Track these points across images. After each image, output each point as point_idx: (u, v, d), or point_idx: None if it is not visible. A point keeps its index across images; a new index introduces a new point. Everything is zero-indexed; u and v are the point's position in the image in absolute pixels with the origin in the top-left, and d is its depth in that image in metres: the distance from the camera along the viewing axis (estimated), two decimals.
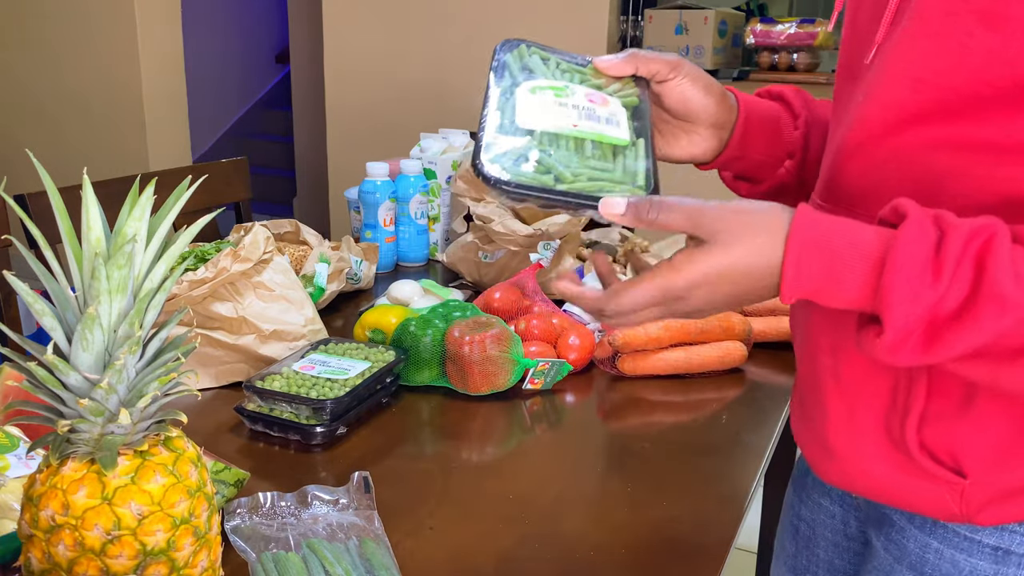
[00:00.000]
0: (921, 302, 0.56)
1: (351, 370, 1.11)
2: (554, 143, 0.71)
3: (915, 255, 0.56)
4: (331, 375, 1.10)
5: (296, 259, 1.47)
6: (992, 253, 0.55)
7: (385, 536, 0.82)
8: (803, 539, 0.92)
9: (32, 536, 0.60)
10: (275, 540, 0.80)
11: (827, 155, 0.75)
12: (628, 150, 0.73)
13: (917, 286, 0.56)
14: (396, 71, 3.45)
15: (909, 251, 0.56)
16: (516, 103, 0.74)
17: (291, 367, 1.12)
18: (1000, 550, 0.69)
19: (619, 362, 1.25)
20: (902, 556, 0.75)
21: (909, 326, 0.56)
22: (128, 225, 0.59)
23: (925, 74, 0.62)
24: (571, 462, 1.04)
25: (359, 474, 0.88)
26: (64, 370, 0.58)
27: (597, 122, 0.74)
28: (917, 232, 0.56)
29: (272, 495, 0.85)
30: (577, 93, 0.76)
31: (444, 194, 1.85)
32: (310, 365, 1.13)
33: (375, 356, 1.17)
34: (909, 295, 0.56)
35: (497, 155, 0.69)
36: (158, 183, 0.65)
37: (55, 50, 3.71)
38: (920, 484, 0.69)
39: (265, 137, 5.90)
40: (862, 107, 0.68)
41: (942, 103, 0.61)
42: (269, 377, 1.09)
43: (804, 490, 0.92)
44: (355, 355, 1.17)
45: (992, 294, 0.54)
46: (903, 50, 0.63)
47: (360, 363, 1.14)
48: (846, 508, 0.87)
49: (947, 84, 0.61)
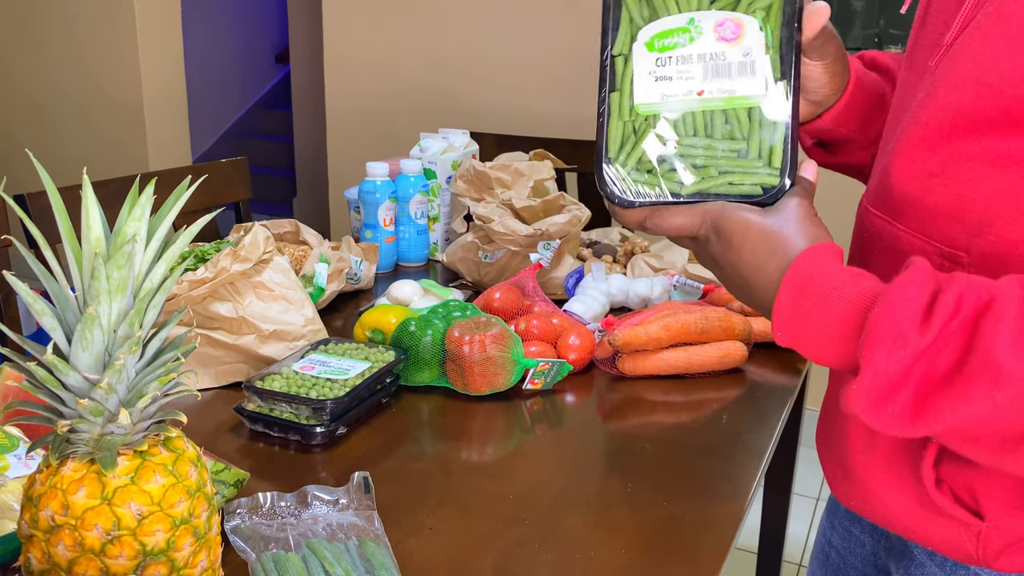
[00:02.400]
0: (906, 350, 0.51)
1: (351, 370, 1.11)
2: (679, 127, 0.67)
3: (906, 304, 0.53)
4: (331, 375, 1.10)
5: (296, 259, 1.47)
6: (990, 317, 0.50)
7: (385, 536, 0.82)
8: (832, 567, 0.91)
9: (32, 536, 0.60)
10: (275, 540, 0.80)
11: (880, 156, 0.72)
12: (765, 104, 0.67)
13: (905, 331, 0.52)
14: (396, 71, 3.44)
15: (900, 299, 0.53)
16: (634, 73, 0.67)
17: (291, 367, 1.12)
18: None
19: (619, 362, 1.25)
20: None
21: (890, 374, 0.52)
22: (128, 225, 0.59)
23: (992, 78, 0.57)
24: (571, 462, 1.04)
25: (359, 474, 0.88)
26: (64, 370, 0.58)
27: (728, 77, 0.67)
28: (911, 287, 0.53)
29: (272, 495, 0.85)
30: (705, 32, 0.67)
31: (444, 194, 1.85)
32: (310, 365, 1.13)
33: (375, 356, 1.17)
34: (892, 338, 0.52)
35: (618, 161, 0.67)
36: (158, 183, 0.65)
37: (55, 50, 3.71)
38: (936, 520, 0.67)
39: (265, 137, 5.90)
40: (920, 109, 0.64)
41: (1005, 112, 0.57)
42: (269, 377, 1.09)
43: (836, 517, 0.91)
44: (355, 355, 1.17)
45: (986, 362, 0.50)
46: (973, 50, 0.59)
47: (360, 363, 1.14)
48: (876, 538, 0.85)
49: (1013, 92, 0.56)
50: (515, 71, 3.20)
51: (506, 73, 3.21)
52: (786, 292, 0.59)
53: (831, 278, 0.57)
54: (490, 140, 2.24)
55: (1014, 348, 0.49)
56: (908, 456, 0.67)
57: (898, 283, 0.54)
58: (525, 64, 3.18)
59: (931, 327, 0.51)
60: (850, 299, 0.56)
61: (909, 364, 0.52)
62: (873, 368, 0.53)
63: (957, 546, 0.67)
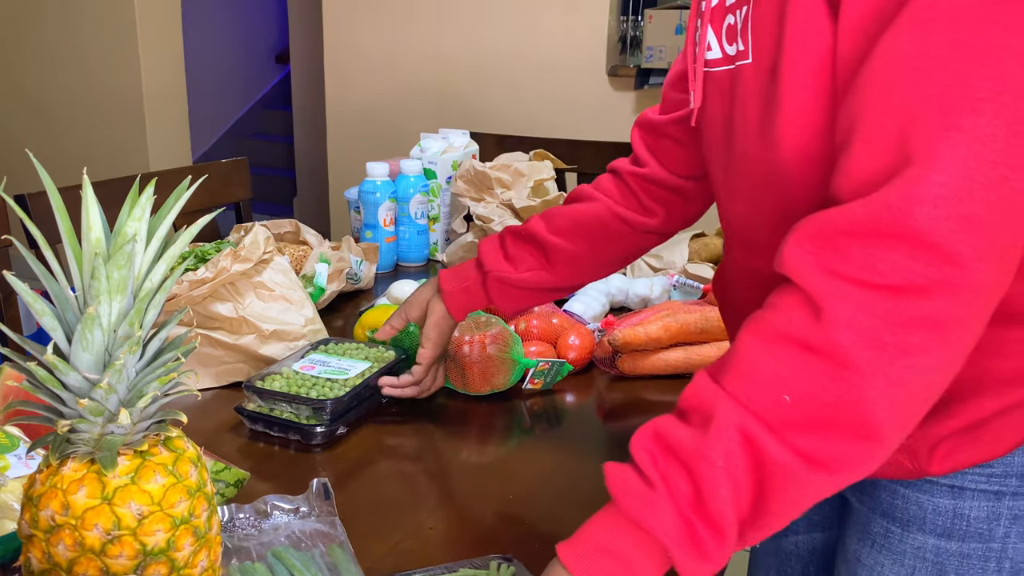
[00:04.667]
0: (657, 496, 0.62)
1: (351, 370, 1.11)
2: None
3: (627, 483, 0.64)
4: (331, 375, 1.10)
5: (296, 259, 1.47)
6: (669, 435, 0.63)
7: (349, 543, 0.81)
8: None
9: (32, 536, 0.60)
10: (236, 553, 0.78)
11: None
12: None
13: (642, 492, 0.62)
14: (396, 71, 3.44)
15: (621, 487, 0.64)
16: None
17: (291, 367, 1.12)
18: (955, 488, 0.77)
19: (619, 362, 1.25)
20: (875, 506, 0.83)
21: (669, 518, 0.61)
22: (128, 225, 0.59)
23: None
24: (571, 462, 1.04)
25: (318, 481, 0.86)
26: (64, 370, 0.58)
27: None
28: (620, 473, 0.65)
29: (230, 508, 0.83)
30: None
31: (444, 194, 1.85)
32: (310, 365, 1.13)
33: (375, 356, 1.17)
34: (642, 504, 0.62)
35: None
36: (158, 183, 0.65)
37: (55, 50, 3.71)
38: None
39: (265, 137, 5.90)
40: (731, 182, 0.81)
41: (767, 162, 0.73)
42: (269, 377, 1.09)
43: None
44: (355, 355, 1.17)
45: (689, 455, 0.62)
46: None
47: (360, 363, 1.14)
48: None
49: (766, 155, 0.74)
50: (515, 71, 3.20)
51: (506, 73, 3.21)
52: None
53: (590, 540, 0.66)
54: (490, 140, 2.24)
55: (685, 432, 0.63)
56: None
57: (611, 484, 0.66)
58: (525, 64, 3.18)
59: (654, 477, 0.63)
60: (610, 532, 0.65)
61: (670, 501, 0.62)
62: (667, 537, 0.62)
63: (897, 465, 0.77)
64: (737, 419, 0.60)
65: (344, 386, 1.08)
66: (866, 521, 0.84)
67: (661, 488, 0.61)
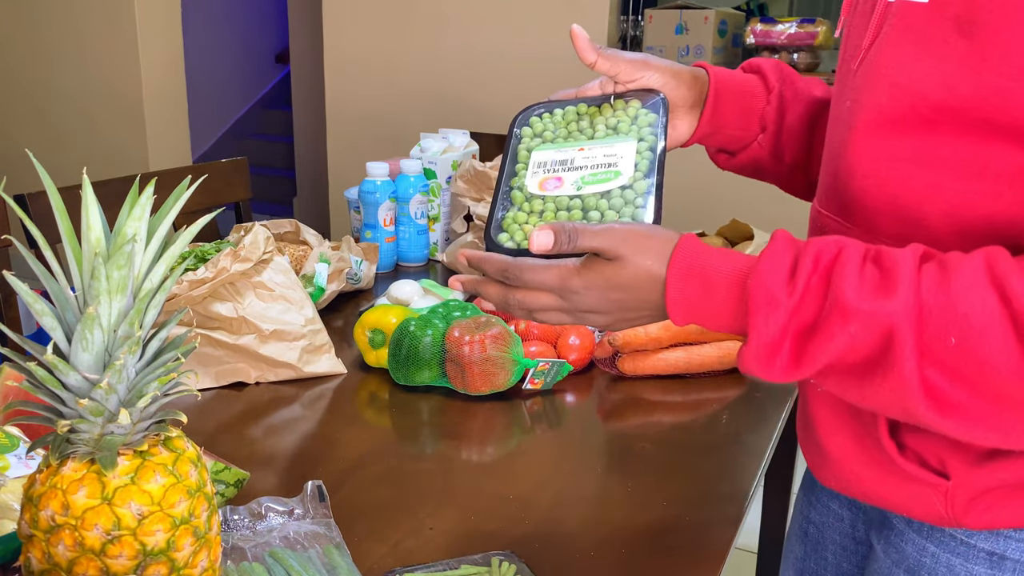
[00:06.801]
0: (780, 311, 0.59)
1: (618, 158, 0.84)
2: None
3: (774, 272, 0.60)
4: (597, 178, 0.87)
5: (296, 259, 1.47)
6: (838, 266, 0.59)
7: (344, 544, 0.81)
8: (812, 542, 0.92)
9: (32, 536, 0.60)
10: (232, 554, 0.78)
11: (824, 160, 0.76)
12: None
13: (776, 295, 0.60)
14: (396, 71, 3.45)
15: (768, 268, 0.61)
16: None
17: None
18: (995, 555, 0.69)
19: (619, 362, 1.25)
20: (900, 560, 0.75)
21: (771, 334, 0.60)
22: (128, 225, 0.59)
23: (902, 79, 0.62)
24: (571, 462, 1.04)
25: (312, 483, 0.86)
26: (64, 370, 0.58)
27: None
28: (776, 256, 0.61)
29: (225, 509, 0.83)
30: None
31: (444, 194, 1.85)
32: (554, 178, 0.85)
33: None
34: (767, 303, 0.60)
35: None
36: (158, 183, 0.65)
37: (55, 50, 3.71)
38: (907, 486, 0.70)
39: (265, 137, 5.90)
40: (847, 114, 0.68)
41: (912, 109, 0.62)
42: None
43: (813, 493, 0.92)
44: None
45: (836, 303, 0.58)
46: (886, 54, 0.64)
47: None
48: (854, 512, 0.87)
49: (918, 90, 0.61)
50: (515, 71, 3.20)
51: (506, 73, 3.21)
52: (673, 284, 0.64)
53: (708, 262, 0.64)
54: (490, 140, 2.24)
55: (856, 288, 0.57)
56: (869, 430, 0.70)
57: (765, 255, 0.61)
58: (525, 64, 3.18)
59: (796, 286, 0.59)
60: (728, 278, 0.63)
61: (784, 322, 0.60)
62: (757, 332, 0.60)
63: (929, 508, 0.69)
64: (900, 320, 0.56)
65: None
66: (887, 574, 0.76)
67: (792, 301, 0.59)
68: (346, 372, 1.25)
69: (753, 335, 0.60)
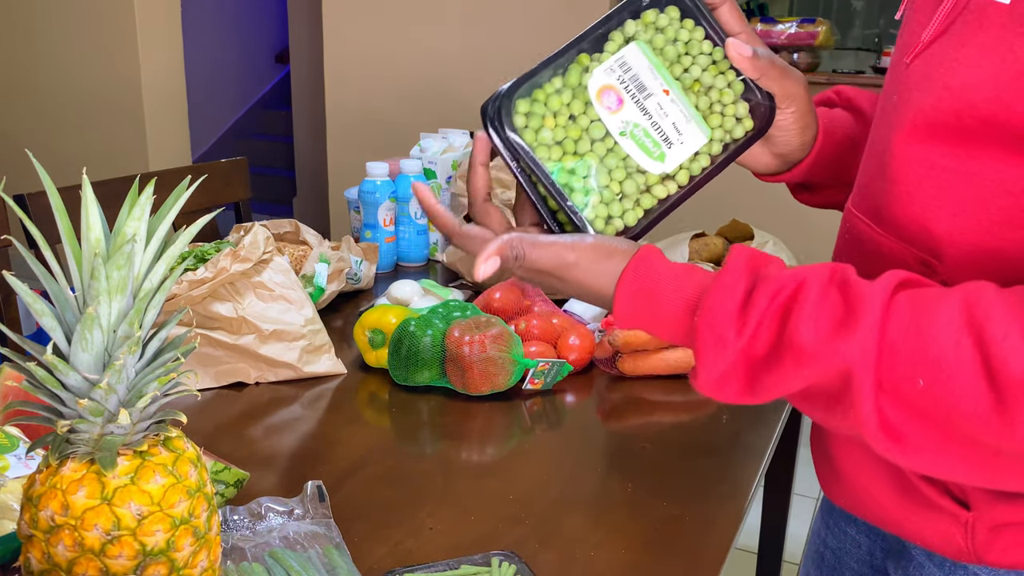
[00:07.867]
0: (727, 351, 0.58)
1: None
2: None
3: (723, 306, 0.59)
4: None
5: (296, 259, 1.47)
6: (796, 305, 0.56)
7: (344, 544, 0.81)
8: (828, 567, 0.90)
9: (32, 536, 0.60)
10: (231, 554, 0.78)
11: (864, 156, 0.72)
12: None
13: (724, 335, 0.58)
14: (396, 71, 3.45)
15: (717, 304, 0.59)
16: None
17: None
18: None
19: (619, 362, 1.25)
20: None
21: (719, 371, 0.59)
22: (128, 225, 0.59)
23: (954, 82, 0.58)
24: (571, 462, 1.04)
25: (312, 483, 0.86)
26: (64, 370, 0.58)
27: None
28: (727, 289, 0.59)
29: (224, 509, 0.83)
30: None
31: (444, 194, 1.85)
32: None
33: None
34: (714, 342, 0.59)
35: None
36: (158, 183, 0.65)
37: (55, 50, 3.71)
38: (925, 514, 0.67)
39: (265, 137, 5.90)
40: (892, 110, 0.65)
41: (956, 116, 0.58)
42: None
43: (831, 517, 0.90)
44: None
45: (791, 344, 0.56)
46: (949, 55, 0.59)
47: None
48: (872, 539, 0.84)
49: (969, 98, 0.57)
50: (515, 71, 3.19)
51: (506, 73, 3.21)
52: (623, 295, 0.64)
53: (658, 282, 0.63)
54: None
55: (812, 328, 0.55)
56: None
57: (715, 288, 0.60)
58: (525, 64, 3.17)
59: (747, 323, 0.58)
60: (677, 303, 0.62)
61: (732, 361, 0.59)
62: (704, 367, 0.60)
63: (947, 538, 0.66)
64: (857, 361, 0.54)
65: None
66: None
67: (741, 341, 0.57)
68: (346, 372, 1.25)
69: (701, 370, 0.60)
